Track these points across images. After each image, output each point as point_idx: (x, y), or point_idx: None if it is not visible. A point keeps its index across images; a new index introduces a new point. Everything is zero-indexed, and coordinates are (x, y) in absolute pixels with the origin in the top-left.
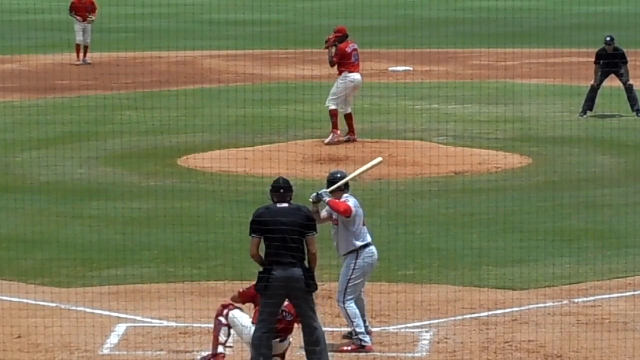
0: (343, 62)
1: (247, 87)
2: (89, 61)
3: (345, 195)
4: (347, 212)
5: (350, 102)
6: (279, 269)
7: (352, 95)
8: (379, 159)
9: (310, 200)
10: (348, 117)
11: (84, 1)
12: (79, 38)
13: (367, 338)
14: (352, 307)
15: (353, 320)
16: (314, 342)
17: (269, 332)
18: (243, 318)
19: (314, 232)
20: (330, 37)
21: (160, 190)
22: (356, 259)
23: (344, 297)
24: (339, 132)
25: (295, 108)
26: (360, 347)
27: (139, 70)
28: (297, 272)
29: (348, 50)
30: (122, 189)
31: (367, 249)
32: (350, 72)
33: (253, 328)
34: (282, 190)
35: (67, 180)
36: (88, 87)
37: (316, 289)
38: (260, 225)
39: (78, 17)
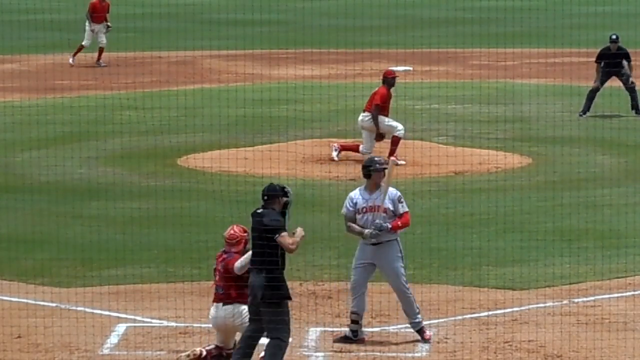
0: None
1: (247, 87)
2: (103, 64)
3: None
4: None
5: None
6: (250, 274)
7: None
8: (392, 159)
9: (372, 233)
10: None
11: (104, 4)
12: (87, 42)
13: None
14: None
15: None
16: (266, 354)
17: (250, 332)
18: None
19: (277, 235)
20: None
21: (160, 190)
22: (399, 244)
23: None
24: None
25: (295, 108)
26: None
27: (139, 70)
28: (256, 280)
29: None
30: (122, 189)
31: None
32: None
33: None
34: (265, 198)
35: (67, 180)
36: (88, 87)
37: (275, 300)
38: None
39: (93, 22)
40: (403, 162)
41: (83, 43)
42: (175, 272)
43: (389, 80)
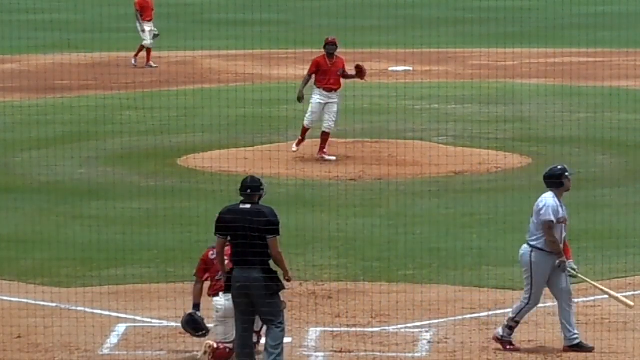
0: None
1: (247, 87)
2: (154, 65)
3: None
4: None
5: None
6: (239, 270)
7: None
8: (632, 304)
9: (574, 271)
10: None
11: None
12: (147, 41)
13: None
14: None
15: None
16: (271, 345)
17: (246, 330)
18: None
19: (274, 235)
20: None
21: (160, 190)
22: None
23: None
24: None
25: (295, 108)
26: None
27: (139, 70)
28: (254, 274)
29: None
30: (122, 189)
31: None
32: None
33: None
34: (249, 191)
35: (67, 180)
36: (88, 87)
37: (276, 290)
38: (222, 225)
39: (144, 21)
40: (294, 149)
41: (143, 43)
42: (175, 272)
43: (325, 47)
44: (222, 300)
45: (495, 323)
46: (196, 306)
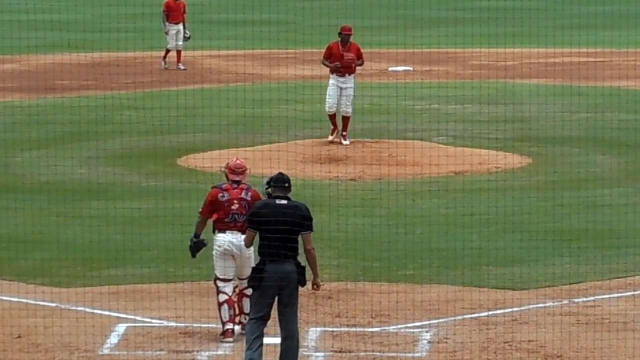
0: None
1: (247, 87)
2: (182, 67)
3: None
4: None
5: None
6: (272, 264)
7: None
8: None
9: None
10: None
11: (179, 3)
12: (171, 44)
13: None
14: None
15: None
16: (288, 337)
17: (261, 320)
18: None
19: (310, 231)
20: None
21: (160, 190)
22: None
23: None
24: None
25: (295, 108)
26: None
27: (139, 70)
28: (289, 266)
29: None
30: (122, 189)
31: None
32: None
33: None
34: (287, 184)
35: (67, 180)
36: (88, 87)
37: (304, 284)
38: (258, 220)
39: (170, 23)
40: (330, 139)
41: (168, 47)
42: (175, 272)
43: (340, 34)
44: (228, 237)
45: (495, 323)
46: (197, 235)
